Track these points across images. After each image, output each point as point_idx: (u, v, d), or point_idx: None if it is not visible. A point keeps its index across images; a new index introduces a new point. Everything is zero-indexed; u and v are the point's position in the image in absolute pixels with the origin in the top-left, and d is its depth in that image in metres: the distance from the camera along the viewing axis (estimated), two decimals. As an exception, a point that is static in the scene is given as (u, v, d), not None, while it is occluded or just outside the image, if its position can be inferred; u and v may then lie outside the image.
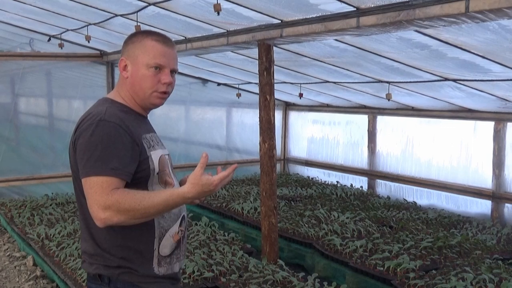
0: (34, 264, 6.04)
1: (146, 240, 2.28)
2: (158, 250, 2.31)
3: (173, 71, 2.37)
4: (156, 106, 2.40)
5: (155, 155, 2.31)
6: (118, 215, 2.06)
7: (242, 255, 5.60)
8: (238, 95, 9.89)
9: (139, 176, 2.22)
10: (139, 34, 2.39)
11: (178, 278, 2.47)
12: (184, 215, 2.46)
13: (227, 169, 2.17)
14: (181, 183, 2.55)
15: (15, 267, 6.08)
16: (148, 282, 2.30)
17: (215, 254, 5.52)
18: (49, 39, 8.90)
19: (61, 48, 8.61)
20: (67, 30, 8.02)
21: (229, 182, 2.18)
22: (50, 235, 6.28)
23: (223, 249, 5.73)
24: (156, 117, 10.43)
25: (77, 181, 2.23)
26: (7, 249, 6.73)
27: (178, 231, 2.39)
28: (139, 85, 2.32)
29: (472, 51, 4.88)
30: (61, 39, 8.57)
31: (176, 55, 2.41)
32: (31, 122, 9.99)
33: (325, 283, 4.85)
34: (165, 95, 2.37)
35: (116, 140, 2.15)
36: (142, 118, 2.42)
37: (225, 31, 5.92)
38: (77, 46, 8.84)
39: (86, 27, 7.24)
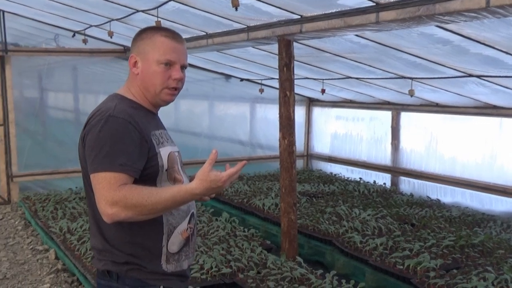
0: (56, 258, 6.11)
1: (155, 237, 2.28)
2: (167, 247, 2.30)
3: (183, 67, 2.36)
4: (167, 102, 2.39)
5: (164, 152, 2.30)
6: (125, 210, 2.06)
7: (261, 251, 5.58)
8: (261, 91, 9.86)
9: (148, 173, 2.22)
10: (149, 30, 2.38)
11: (186, 275, 2.46)
12: (193, 212, 2.43)
13: (236, 166, 2.15)
14: (191, 180, 2.54)
15: (37, 260, 6.16)
16: (156, 279, 2.29)
17: (234, 250, 5.52)
18: (74, 35, 9.00)
19: (85, 43, 8.69)
20: (91, 25, 8.10)
21: (237, 178, 2.15)
22: (72, 229, 6.34)
23: (242, 245, 5.72)
24: (180, 112, 10.52)
25: (86, 176, 2.24)
26: (31, 242, 6.82)
27: (187, 228, 2.37)
28: (149, 81, 2.31)
29: (495, 46, 4.79)
30: (85, 34, 8.66)
31: (186, 51, 2.39)
32: (57, 116, 10.12)
33: (344, 281, 4.81)
34: (175, 91, 2.36)
35: (125, 136, 2.15)
36: (152, 114, 2.41)
37: (245, 26, 5.90)
38: (101, 42, 8.91)
39: (109, 22, 7.29)
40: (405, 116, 8.79)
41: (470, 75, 5.93)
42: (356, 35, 5.32)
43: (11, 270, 5.89)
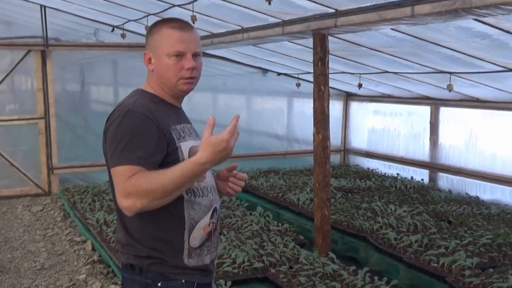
0: (93, 249, 6.23)
1: (176, 231, 2.28)
2: (188, 241, 2.30)
3: (196, 55, 2.33)
4: (186, 92, 2.38)
5: (185, 146, 2.29)
6: (139, 199, 2.06)
7: (294, 246, 5.57)
8: (298, 85, 9.82)
9: (169, 167, 2.18)
10: (157, 24, 2.37)
11: (209, 270, 2.44)
12: (216, 207, 2.42)
13: (231, 120, 2.10)
14: (216, 177, 2.55)
15: (74, 251, 6.29)
16: (178, 273, 2.30)
17: (267, 245, 5.52)
18: (113, 30, 9.13)
19: (123, 38, 8.80)
20: (129, 20, 8.20)
21: (238, 134, 2.07)
22: (109, 221, 6.44)
23: (275, 239, 5.72)
24: (218, 106, 10.58)
25: (109, 171, 2.26)
26: (69, 233, 6.97)
27: (209, 223, 2.37)
28: (163, 75, 2.32)
29: (536, 40, 4.66)
30: (123, 29, 8.77)
31: (197, 38, 2.36)
32: (97, 110, 10.29)
33: (376, 278, 4.77)
34: (192, 80, 2.34)
35: (143, 131, 2.16)
36: (174, 108, 2.41)
37: (280, 21, 5.89)
38: (138, 36, 9.01)
39: (146, 17, 7.37)
40: (444, 111, 8.63)
41: (510, 70, 5.79)
42: (392, 29, 5.25)
43: (49, 260, 6.03)
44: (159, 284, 2.28)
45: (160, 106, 2.33)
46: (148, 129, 2.18)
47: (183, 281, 2.31)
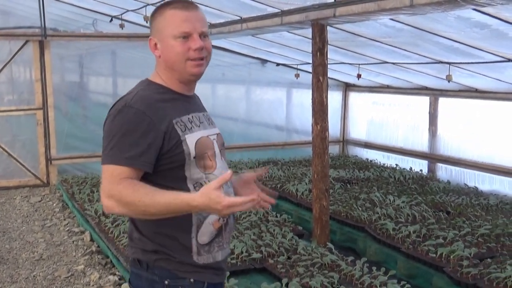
0: (91, 240, 6.23)
1: (183, 227, 2.18)
2: (196, 238, 2.19)
3: (203, 35, 2.19)
4: (196, 75, 2.24)
5: (191, 139, 2.17)
6: (119, 206, 2.00)
7: (292, 237, 5.57)
8: (297, 76, 9.79)
9: (173, 160, 2.13)
10: (159, 7, 2.25)
11: (222, 268, 2.32)
12: None
13: (244, 197, 1.94)
14: (235, 183, 2.41)
15: (73, 241, 6.29)
16: (186, 271, 2.20)
17: (265, 236, 5.52)
18: (111, 20, 9.10)
19: (122, 28, 8.77)
20: (127, 10, 8.18)
21: (245, 210, 1.91)
22: (107, 211, 6.43)
23: (274, 230, 5.72)
24: (217, 97, 10.56)
25: None
26: (67, 224, 6.97)
27: (219, 218, 2.22)
28: (171, 59, 2.19)
29: (535, 30, 4.64)
30: (122, 19, 8.74)
31: (202, 17, 2.22)
32: (96, 100, 10.27)
33: (374, 268, 4.77)
34: (201, 61, 2.20)
35: (136, 127, 2.07)
36: (182, 97, 2.27)
37: (279, 11, 5.86)
38: (137, 26, 8.98)
39: (145, 7, 7.34)
40: (443, 102, 8.62)
41: (510, 60, 5.77)
42: (391, 19, 5.23)
43: (47, 251, 6.03)
44: (166, 282, 2.18)
45: (166, 96, 2.22)
46: (142, 126, 2.08)
47: (192, 280, 2.20)
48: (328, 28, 5.46)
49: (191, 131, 2.19)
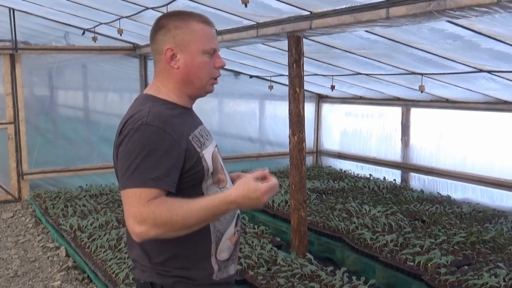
0: (67, 255, 6.14)
1: (203, 247, 2.11)
2: (216, 255, 2.14)
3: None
4: (211, 92, 2.22)
5: (207, 154, 2.11)
6: (155, 228, 1.88)
7: (271, 248, 5.58)
8: (271, 88, 9.85)
9: (194, 178, 2.06)
10: (180, 16, 2.14)
11: (233, 281, 2.29)
12: (238, 214, 2.26)
13: (273, 179, 2.02)
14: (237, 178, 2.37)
15: (48, 257, 6.19)
16: None
17: (244, 247, 5.51)
18: (83, 33, 9.02)
19: (95, 41, 8.70)
20: (100, 23, 8.11)
21: (277, 192, 1.94)
22: (83, 226, 6.36)
23: (252, 242, 5.72)
24: (189, 109, 10.50)
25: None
26: (41, 239, 6.86)
27: (235, 232, 2.21)
28: (195, 74, 2.11)
29: (507, 41, 4.76)
30: (94, 32, 8.67)
31: None
32: (67, 114, 10.15)
33: (354, 278, 4.81)
34: (216, 80, 2.20)
35: (159, 146, 1.95)
36: (188, 112, 2.20)
37: (255, 23, 5.89)
38: (110, 39, 8.93)
39: (118, 20, 7.30)
40: (415, 112, 8.75)
41: (481, 70, 5.90)
42: (366, 31, 5.30)
43: (22, 267, 5.92)
44: None
45: (176, 112, 2.11)
46: (164, 144, 1.96)
47: None
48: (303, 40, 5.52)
49: (205, 146, 2.14)
